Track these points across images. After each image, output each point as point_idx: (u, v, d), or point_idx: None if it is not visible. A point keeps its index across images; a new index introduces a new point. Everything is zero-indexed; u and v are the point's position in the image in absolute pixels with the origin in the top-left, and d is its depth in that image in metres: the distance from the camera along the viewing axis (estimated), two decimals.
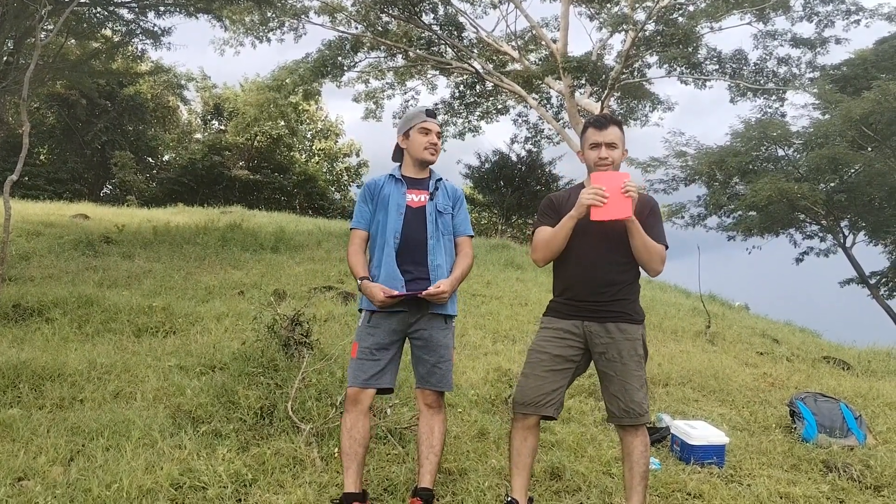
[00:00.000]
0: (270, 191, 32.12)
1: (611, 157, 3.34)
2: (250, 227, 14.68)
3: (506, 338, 7.73)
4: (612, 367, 3.34)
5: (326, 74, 21.00)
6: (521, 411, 3.42)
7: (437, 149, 3.59)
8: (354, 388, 3.44)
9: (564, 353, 3.39)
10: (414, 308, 3.46)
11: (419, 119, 3.58)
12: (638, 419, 3.30)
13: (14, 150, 20.35)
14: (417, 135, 3.57)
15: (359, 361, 3.45)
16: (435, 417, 3.51)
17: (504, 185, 25.99)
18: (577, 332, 3.40)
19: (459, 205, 3.70)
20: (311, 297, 8.68)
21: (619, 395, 3.32)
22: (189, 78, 33.66)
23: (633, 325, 3.36)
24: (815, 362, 8.25)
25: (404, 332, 3.52)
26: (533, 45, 23.34)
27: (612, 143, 3.34)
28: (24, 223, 12.83)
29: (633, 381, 3.31)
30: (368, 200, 3.63)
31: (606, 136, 3.34)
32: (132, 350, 6.20)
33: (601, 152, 3.34)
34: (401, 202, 3.55)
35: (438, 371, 3.48)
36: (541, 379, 3.39)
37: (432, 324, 3.48)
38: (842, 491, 4.17)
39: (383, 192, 3.59)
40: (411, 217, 3.53)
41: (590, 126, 3.41)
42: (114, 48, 19.08)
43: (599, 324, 3.35)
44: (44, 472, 3.66)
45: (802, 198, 18.14)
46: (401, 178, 3.62)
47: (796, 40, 20.15)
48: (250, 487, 3.66)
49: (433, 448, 3.48)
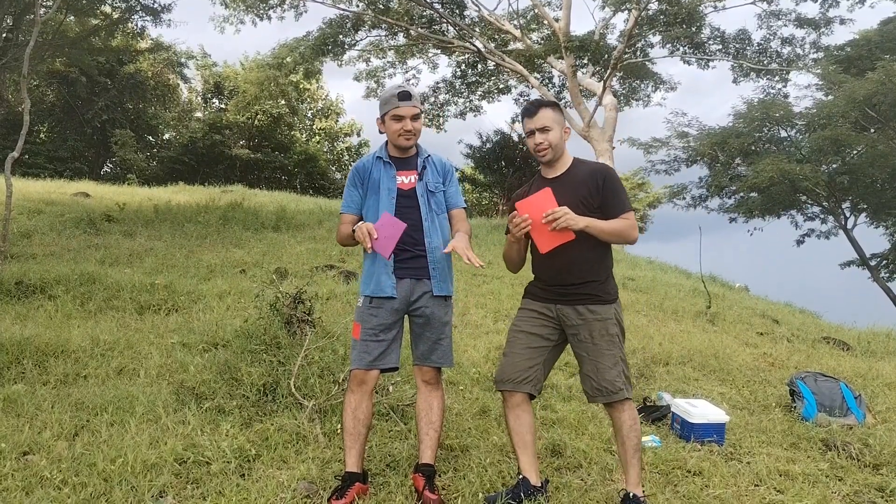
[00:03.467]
0: (271, 170, 32.09)
1: (546, 141, 3.37)
2: (251, 207, 14.69)
3: (507, 317, 7.75)
4: (584, 348, 3.37)
5: (327, 53, 20.87)
6: (501, 388, 3.49)
7: (411, 134, 3.45)
8: (360, 370, 3.44)
9: (539, 331, 3.44)
10: (413, 286, 3.45)
11: (391, 105, 3.43)
12: (611, 396, 3.32)
13: (14, 128, 20.30)
14: (391, 121, 3.45)
15: (363, 343, 3.44)
16: (433, 394, 3.51)
17: (505, 165, 25.87)
18: (550, 314, 3.44)
19: (450, 178, 3.63)
20: (313, 275, 8.69)
21: (591, 375, 3.35)
22: (189, 56, 33.58)
23: (603, 305, 3.37)
24: (815, 343, 8.27)
25: (405, 311, 3.51)
26: (535, 24, 23.19)
27: (543, 126, 3.36)
28: (25, 201, 12.83)
29: (604, 360, 3.32)
30: (358, 185, 3.56)
31: (537, 121, 3.37)
32: (135, 327, 6.22)
33: (535, 138, 3.39)
34: (391, 186, 3.48)
35: (440, 347, 3.49)
36: (517, 356, 3.44)
37: (434, 302, 3.48)
38: (841, 469, 4.20)
39: (372, 176, 3.52)
40: (403, 200, 3.48)
41: (523, 116, 3.45)
42: (113, 25, 19.00)
43: (570, 307, 3.38)
44: (49, 447, 3.69)
45: (804, 179, 18.13)
46: (388, 161, 3.54)
47: (801, 20, 19.99)
48: (254, 462, 3.68)
49: (433, 424, 3.48)
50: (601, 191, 3.33)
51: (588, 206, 3.29)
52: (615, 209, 3.32)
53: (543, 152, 3.39)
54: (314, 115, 38.00)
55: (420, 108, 3.49)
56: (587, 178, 3.37)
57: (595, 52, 18.82)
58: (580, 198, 3.31)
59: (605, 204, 3.33)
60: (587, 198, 3.32)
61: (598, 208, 3.32)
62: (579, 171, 3.43)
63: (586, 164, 3.50)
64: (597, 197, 3.33)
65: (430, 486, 3.37)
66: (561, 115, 3.45)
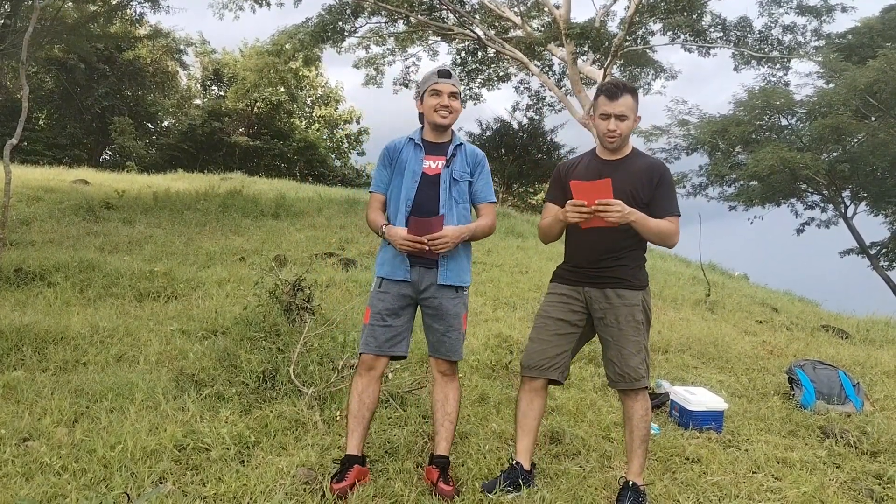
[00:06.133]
0: (270, 157, 32.01)
1: (619, 130, 3.26)
2: (251, 194, 14.66)
3: (506, 305, 7.76)
4: (610, 333, 3.35)
5: (327, 40, 20.75)
6: (527, 374, 3.46)
7: (449, 110, 3.42)
8: (369, 356, 3.43)
9: (568, 317, 3.42)
10: (423, 275, 3.43)
11: (431, 81, 3.44)
12: (633, 384, 3.31)
13: (13, 115, 20.26)
14: (429, 97, 3.43)
15: (371, 327, 3.43)
16: (449, 385, 3.50)
17: (505, 153, 25.88)
18: (578, 297, 3.41)
19: (480, 169, 3.55)
20: (313, 263, 8.70)
21: (615, 360, 3.34)
22: (188, 42, 33.41)
23: (632, 290, 3.34)
24: (814, 331, 8.29)
25: (414, 299, 3.48)
26: (535, 11, 23.06)
27: (621, 114, 3.24)
28: (23, 188, 12.80)
29: (629, 346, 3.31)
30: (387, 164, 3.55)
31: (617, 106, 3.24)
32: (134, 314, 6.22)
33: (610, 124, 3.26)
34: (416, 169, 3.46)
35: (447, 340, 3.45)
36: (545, 343, 3.42)
37: (442, 292, 3.43)
38: (838, 456, 4.21)
39: (401, 157, 3.51)
40: (425, 184, 3.44)
41: (601, 93, 3.30)
42: (112, 11, 18.90)
43: (598, 289, 3.36)
44: (49, 434, 3.69)
45: (805, 167, 18.11)
46: (419, 143, 3.52)
47: (802, 8, 19.88)
48: (253, 449, 3.69)
49: (448, 416, 3.47)
50: (654, 188, 3.27)
51: (637, 200, 3.22)
52: (664, 210, 3.27)
53: (613, 139, 3.29)
54: (314, 103, 37.86)
55: (458, 89, 3.47)
56: (643, 171, 3.31)
57: (595, 39, 18.72)
58: (631, 189, 3.24)
59: (654, 202, 3.27)
60: (638, 191, 3.26)
61: (646, 204, 3.25)
62: (636, 162, 3.36)
63: (645, 157, 3.44)
64: (648, 193, 3.27)
65: (445, 478, 3.37)
66: (637, 104, 3.33)
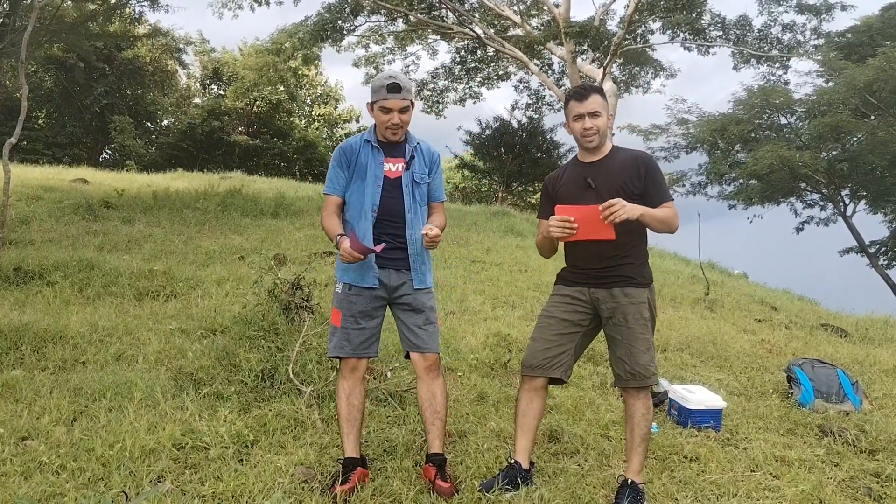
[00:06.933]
0: (270, 156, 32.00)
1: (595, 126, 3.33)
2: (250, 193, 14.66)
3: (505, 303, 7.77)
4: (618, 331, 3.36)
5: (326, 38, 20.73)
6: (529, 373, 3.47)
7: (398, 127, 3.38)
8: (352, 359, 3.43)
9: (571, 317, 3.43)
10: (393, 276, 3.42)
11: (380, 95, 3.33)
12: (644, 381, 3.33)
13: (12, 114, 20.26)
14: (378, 112, 3.37)
15: (344, 331, 3.41)
16: (434, 382, 3.49)
17: (505, 151, 25.90)
18: (584, 298, 3.43)
19: (436, 169, 3.56)
20: (312, 262, 8.69)
21: (624, 358, 3.35)
22: (187, 41, 33.37)
23: (638, 288, 3.36)
24: (813, 329, 8.29)
25: (387, 300, 3.47)
26: (535, 10, 23.06)
27: (594, 111, 3.32)
28: (23, 187, 12.80)
29: (638, 344, 3.32)
30: (344, 167, 3.47)
31: (588, 105, 3.32)
32: (133, 313, 6.23)
33: (585, 123, 3.33)
34: (378, 173, 3.41)
35: (424, 333, 3.44)
36: (548, 342, 3.44)
37: (416, 291, 3.45)
38: (837, 455, 4.22)
39: (360, 160, 3.45)
40: (389, 188, 3.42)
41: (571, 99, 3.39)
42: (111, 10, 18.89)
43: (605, 289, 3.37)
44: (47, 432, 3.70)
45: (804, 166, 18.11)
46: (377, 146, 3.46)
47: (802, 6, 19.88)
48: (252, 448, 3.69)
49: (438, 413, 3.48)
50: (643, 179, 3.30)
51: (628, 193, 3.24)
52: (657, 198, 3.29)
53: (591, 137, 3.34)
54: (313, 102, 37.83)
55: (410, 101, 3.39)
56: (628, 164, 3.34)
57: (595, 38, 18.70)
58: (620, 184, 3.28)
59: (647, 192, 3.29)
60: (627, 184, 3.29)
61: (638, 195, 3.27)
62: (619, 156, 3.40)
63: (627, 150, 3.46)
64: (639, 185, 3.29)
65: (442, 475, 3.38)
66: (606, 102, 3.42)
